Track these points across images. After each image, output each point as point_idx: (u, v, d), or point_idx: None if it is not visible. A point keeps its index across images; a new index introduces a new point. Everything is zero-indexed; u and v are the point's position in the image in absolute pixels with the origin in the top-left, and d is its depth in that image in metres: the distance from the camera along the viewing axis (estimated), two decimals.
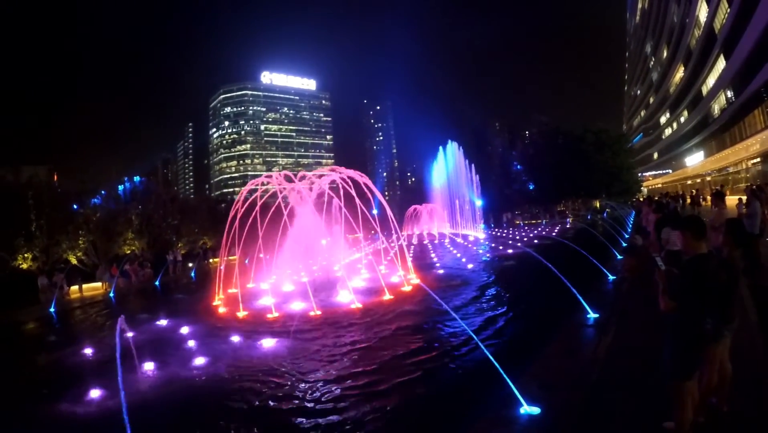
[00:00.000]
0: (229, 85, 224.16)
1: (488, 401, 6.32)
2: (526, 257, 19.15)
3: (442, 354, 9.38)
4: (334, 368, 9.13)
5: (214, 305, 16.92)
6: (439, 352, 9.54)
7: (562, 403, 5.86)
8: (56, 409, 8.10)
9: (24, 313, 20.50)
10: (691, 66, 65.00)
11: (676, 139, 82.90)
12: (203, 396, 8.27)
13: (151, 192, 43.87)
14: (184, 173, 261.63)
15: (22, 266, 29.64)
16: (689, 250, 4.40)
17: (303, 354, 10.23)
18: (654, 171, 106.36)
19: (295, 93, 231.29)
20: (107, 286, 26.59)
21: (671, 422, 4.59)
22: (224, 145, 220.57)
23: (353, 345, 10.61)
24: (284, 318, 13.81)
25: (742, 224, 5.61)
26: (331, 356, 9.97)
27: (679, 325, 4.32)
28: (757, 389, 5.57)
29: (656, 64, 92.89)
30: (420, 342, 10.36)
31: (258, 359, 10.16)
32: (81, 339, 13.73)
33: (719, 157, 60.80)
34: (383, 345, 10.32)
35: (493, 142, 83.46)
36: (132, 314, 16.89)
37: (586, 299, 10.23)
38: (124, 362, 8.71)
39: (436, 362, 8.97)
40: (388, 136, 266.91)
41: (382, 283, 16.13)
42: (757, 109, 45.09)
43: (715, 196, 12.65)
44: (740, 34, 41.97)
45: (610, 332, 8.51)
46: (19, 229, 28.92)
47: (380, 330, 11.60)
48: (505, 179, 68.75)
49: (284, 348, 10.80)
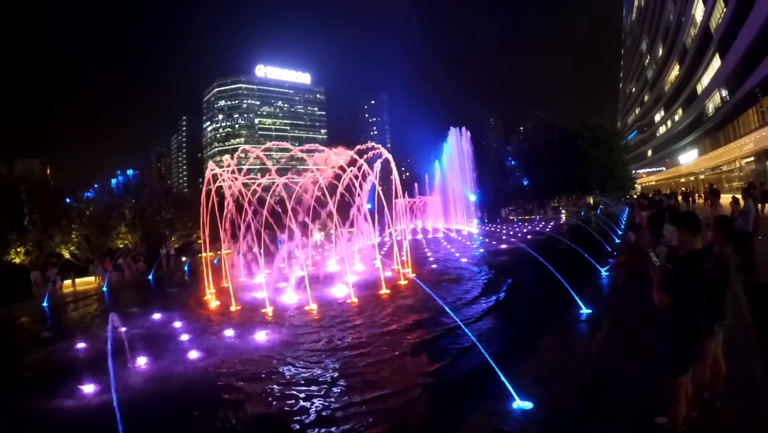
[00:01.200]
0: (224, 79, 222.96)
1: (481, 395, 6.33)
2: (520, 252, 19.19)
3: (436, 348, 9.40)
4: (328, 361, 9.12)
5: (207, 299, 16.87)
6: (432, 346, 9.56)
7: (555, 398, 5.86)
8: (49, 404, 8.05)
9: (17, 308, 20.35)
10: (686, 64, 65.27)
11: (670, 137, 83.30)
12: (196, 390, 8.23)
13: (144, 186, 43.65)
14: (177, 167, 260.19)
15: (14, 261, 29.44)
16: (684, 245, 4.41)
17: (297, 348, 10.21)
18: (648, 168, 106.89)
19: (290, 87, 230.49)
20: (100, 280, 26.43)
21: (664, 417, 4.62)
22: (218, 139, 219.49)
23: (347, 339, 10.61)
24: (279, 312, 13.80)
25: (731, 219, 5.63)
26: (326, 349, 9.96)
27: (673, 320, 4.33)
28: (751, 386, 5.60)
29: (652, 61, 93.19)
30: (413, 336, 10.37)
31: (251, 352, 10.12)
32: (74, 334, 13.65)
33: (713, 156, 61.14)
34: (377, 339, 10.31)
35: (488, 137, 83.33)
36: (125, 309, 16.82)
37: (579, 294, 10.26)
38: (117, 356, 8.69)
39: (430, 357, 8.98)
40: (382, 131, 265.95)
41: (379, 276, 16.16)
42: (752, 109, 45.33)
43: (710, 193, 12.69)
44: (736, 34, 42.16)
45: (604, 327, 8.55)
46: (11, 223, 28.70)
47: (375, 324, 11.60)
48: (499, 174, 68.71)
49: (278, 342, 10.78)
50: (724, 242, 4.95)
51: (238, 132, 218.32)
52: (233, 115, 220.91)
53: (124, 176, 44.87)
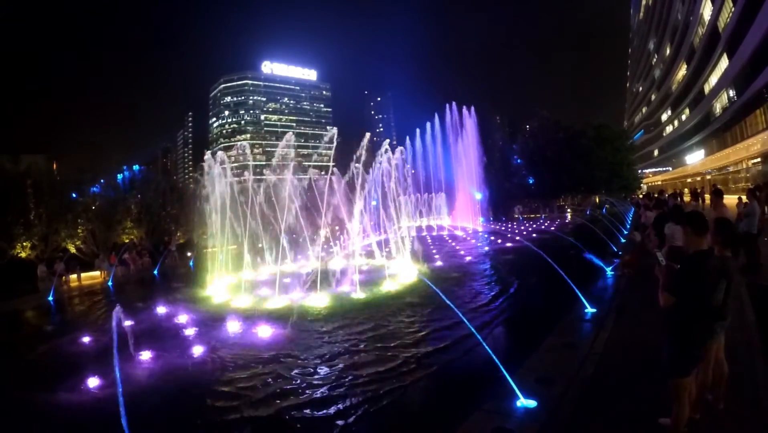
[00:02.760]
0: (230, 75, 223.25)
1: (484, 393, 6.34)
2: (525, 250, 19.15)
3: (441, 346, 9.40)
4: (331, 356, 9.16)
5: (212, 294, 16.92)
6: (437, 344, 9.56)
7: (559, 397, 5.87)
8: (53, 397, 8.12)
9: (23, 301, 20.48)
10: (693, 64, 64.84)
11: (676, 136, 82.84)
12: (200, 384, 8.28)
13: (150, 181, 43.73)
14: (183, 162, 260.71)
15: (20, 255, 29.57)
16: (690, 246, 4.40)
17: (302, 343, 10.26)
18: (654, 168, 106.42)
19: (296, 83, 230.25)
20: (106, 274, 26.57)
21: (667, 418, 4.61)
22: (224, 135, 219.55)
23: (352, 334, 10.65)
24: (285, 307, 13.84)
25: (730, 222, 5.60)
26: (329, 345, 10.00)
27: (677, 321, 4.33)
28: (754, 388, 5.59)
29: (659, 61, 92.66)
30: (419, 333, 10.39)
31: (257, 347, 10.17)
32: (79, 327, 13.72)
33: (720, 156, 60.76)
34: (383, 336, 10.35)
35: (493, 136, 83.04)
36: (130, 303, 16.88)
37: (584, 293, 10.25)
38: (122, 350, 8.75)
39: (434, 354, 9.00)
40: (388, 128, 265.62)
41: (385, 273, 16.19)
42: (759, 110, 45.00)
43: (714, 194, 12.60)
44: (744, 34, 41.82)
45: (608, 327, 8.54)
46: (17, 217, 28.81)
47: (380, 321, 11.64)
48: (504, 173, 68.45)
49: (283, 337, 10.83)
50: (721, 247, 4.94)
51: (244, 128, 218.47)
52: (239, 111, 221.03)
53: (129, 171, 44.96)
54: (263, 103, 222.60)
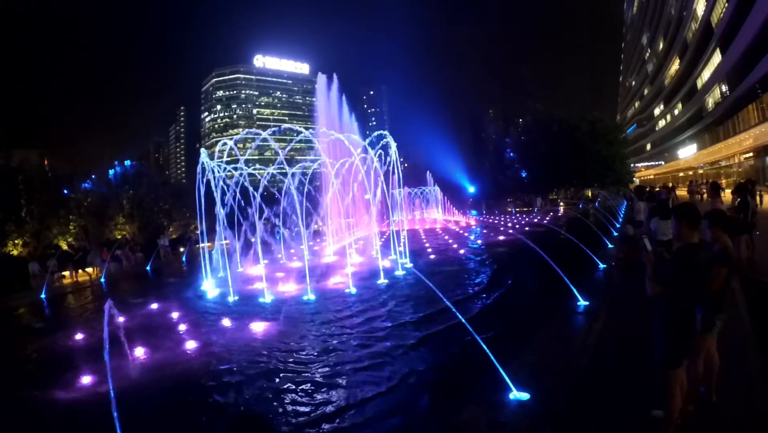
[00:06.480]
0: (222, 69, 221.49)
1: (478, 386, 6.35)
2: (518, 243, 19.20)
3: (434, 339, 9.42)
4: (323, 351, 9.14)
5: (205, 289, 16.87)
6: (428, 337, 9.58)
7: (552, 389, 5.89)
8: (46, 395, 8.06)
9: (15, 299, 20.31)
10: (686, 59, 65.09)
11: (669, 131, 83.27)
12: (192, 380, 8.25)
13: (142, 176, 43.53)
14: (175, 157, 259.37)
15: (12, 252, 29.34)
16: (682, 238, 4.40)
17: (294, 338, 10.24)
18: (647, 162, 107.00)
19: (288, 77, 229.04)
20: (98, 271, 26.41)
21: (660, 410, 4.64)
22: (216, 129, 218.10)
23: (343, 329, 10.63)
24: (276, 302, 13.82)
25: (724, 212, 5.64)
26: (322, 339, 9.98)
27: (668, 313, 4.33)
28: (747, 380, 5.63)
29: (652, 55, 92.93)
30: (410, 327, 10.40)
31: (249, 342, 10.14)
32: (72, 324, 13.65)
33: (712, 151, 61.16)
34: (373, 330, 10.34)
35: (487, 129, 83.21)
36: (123, 299, 16.80)
37: (577, 286, 10.29)
38: (114, 347, 8.69)
39: (426, 347, 9.02)
40: (381, 121, 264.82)
41: (378, 266, 16.19)
42: (752, 105, 45.26)
43: (711, 188, 12.65)
44: (737, 29, 41.99)
45: (601, 319, 8.58)
46: (9, 214, 28.56)
47: (373, 315, 11.61)
48: (498, 166, 68.60)
49: (275, 332, 10.81)
50: (723, 236, 4.97)
51: (237, 122, 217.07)
52: (231, 105, 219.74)
53: (122, 167, 44.71)
54: (255, 97, 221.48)
